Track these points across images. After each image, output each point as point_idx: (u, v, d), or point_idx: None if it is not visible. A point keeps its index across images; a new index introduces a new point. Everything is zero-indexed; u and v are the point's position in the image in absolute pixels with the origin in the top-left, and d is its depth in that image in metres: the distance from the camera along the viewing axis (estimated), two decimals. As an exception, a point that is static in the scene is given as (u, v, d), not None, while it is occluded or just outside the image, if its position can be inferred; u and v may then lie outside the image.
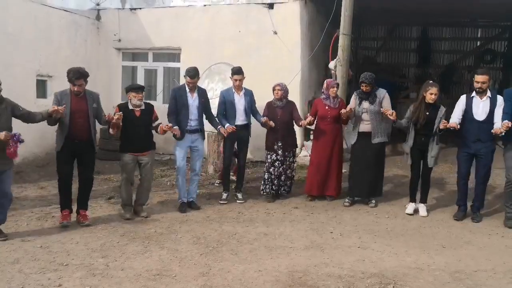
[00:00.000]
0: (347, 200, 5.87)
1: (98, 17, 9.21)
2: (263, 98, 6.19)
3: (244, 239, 4.66)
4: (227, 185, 6.07)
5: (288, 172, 6.02)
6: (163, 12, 8.95)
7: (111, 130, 5.08)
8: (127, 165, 5.22)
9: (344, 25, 7.77)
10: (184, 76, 5.67)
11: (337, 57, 7.96)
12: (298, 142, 7.10)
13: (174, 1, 8.90)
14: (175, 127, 5.42)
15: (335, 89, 5.90)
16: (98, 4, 9.15)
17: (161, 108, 7.04)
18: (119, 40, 9.11)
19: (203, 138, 5.80)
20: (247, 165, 7.04)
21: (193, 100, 5.61)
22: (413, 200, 5.61)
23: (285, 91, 5.98)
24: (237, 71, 5.89)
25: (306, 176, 6.19)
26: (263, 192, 6.04)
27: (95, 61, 8.99)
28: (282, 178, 5.98)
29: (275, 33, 8.26)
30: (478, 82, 5.07)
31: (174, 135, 5.50)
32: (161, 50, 9.09)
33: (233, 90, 5.92)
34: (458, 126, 5.10)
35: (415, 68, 13.66)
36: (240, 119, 5.89)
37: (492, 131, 4.96)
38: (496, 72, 12.62)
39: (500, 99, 5.07)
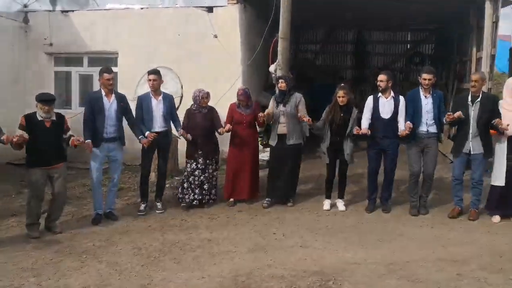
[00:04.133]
0: (265, 202, 5.93)
1: (26, 20, 8.71)
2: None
3: (187, 246, 4.61)
4: (146, 195, 5.80)
5: (211, 180, 5.92)
6: (98, 15, 8.64)
7: (13, 147, 4.62)
8: (36, 181, 4.79)
9: (283, 29, 7.93)
10: (100, 73, 5.29)
11: (277, 61, 8.12)
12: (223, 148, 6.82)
13: (110, 4, 8.64)
14: (87, 141, 5.06)
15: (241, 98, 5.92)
16: (25, 6, 8.65)
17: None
18: (50, 44, 8.68)
19: (122, 146, 5.49)
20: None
21: (110, 105, 5.29)
22: (328, 196, 5.86)
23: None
24: (152, 71, 5.65)
25: (224, 181, 6.10)
26: (182, 202, 5.86)
27: (23, 67, 8.51)
28: (205, 187, 5.86)
29: (215, 37, 8.25)
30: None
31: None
32: (97, 54, 8.76)
33: (151, 95, 5.65)
34: (369, 132, 5.42)
35: (352, 70, 14.20)
36: (158, 126, 5.60)
37: (399, 133, 5.38)
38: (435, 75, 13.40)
39: (402, 99, 5.52)
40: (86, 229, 5.13)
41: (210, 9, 8.27)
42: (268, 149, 6.47)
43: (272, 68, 8.28)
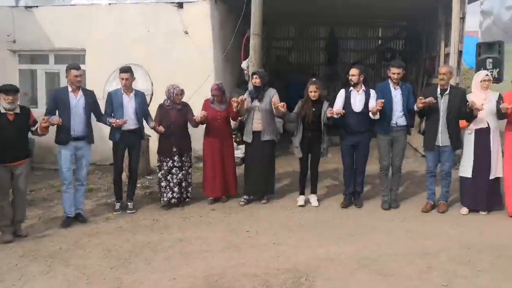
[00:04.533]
0: (242, 199, 5.88)
1: (-14, 16, 8.38)
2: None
3: (158, 247, 4.52)
4: (120, 194, 5.69)
5: (187, 177, 5.86)
6: (64, 11, 8.36)
7: None
8: (0, 179, 4.58)
9: (255, 25, 7.86)
10: (67, 70, 5.11)
11: (249, 57, 8.06)
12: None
13: (76, 0, 8.38)
14: (53, 117, 4.84)
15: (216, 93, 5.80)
16: (-13, 2, 8.33)
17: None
18: (14, 41, 8.35)
19: (91, 145, 5.34)
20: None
21: (76, 101, 5.12)
22: (302, 192, 5.87)
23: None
24: (124, 70, 5.51)
25: (203, 179, 6.02)
26: (163, 202, 5.75)
27: (-15, 64, 8.17)
28: (183, 184, 5.80)
29: (186, 33, 8.12)
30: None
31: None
32: (63, 51, 8.49)
33: (122, 91, 5.54)
34: (343, 111, 5.41)
35: (325, 66, 14.28)
36: (130, 123, 5.46)
37: (369, 109, 5.39)
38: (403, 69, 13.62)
39: (372, 92, 5.59)
40: (54, 232, 4.96)
41: (180, 5, 8.13)
42: (242, 146, 6.43)
43: (244, 64, 8.22)
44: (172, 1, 8.14)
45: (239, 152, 7.09)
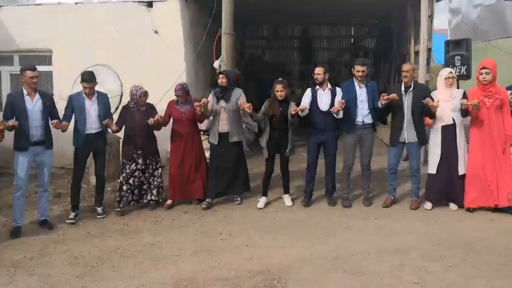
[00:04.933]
0: (205, 203, 5.71)
1: None
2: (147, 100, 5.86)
3: (128, 252, 4.39)
4: (77, 202, 5.42)
5: (151, 180, 5.68)
6: (29, 11, 8.10)
7: None
8: None
9: (226, 24, 7.78)
10: (22, 71, 4.91)
11: (221, 57, 7.97)
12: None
13: (41, -1, 8.14)
14: (10, 120, 4.67)
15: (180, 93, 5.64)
16: None
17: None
18: (-24, 42, 8.05)
19: (51, 149, 5.12)
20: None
21: (33, 105, 4.91)
22: (265, 193, 5.80)
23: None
24: (85, 78, 5.24)
25: (168, 181, 5.82)
26: (122, 205, 5.55)
27: None
28: (145, 187, 5.66)
29: (156, 32, 7.97)
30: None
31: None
32: (29, 52, 8.20)
33: (84, 95, 5.31)
34: (307, 108, 5.42)
35: (299, 65, 14.32)
36: (93, 127, 5.27)
37: (331, 110, 5.39)
38: (368, 67, 13.77)
39: (338, 90, 5.60)
40: (18, 240, 4.75)
41: (149, 4, 7.98)
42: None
43: (216, 64, 8.12)
44: (141, 0, 7.98)
45: None
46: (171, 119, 5.78)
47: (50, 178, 5.38)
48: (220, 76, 5.71)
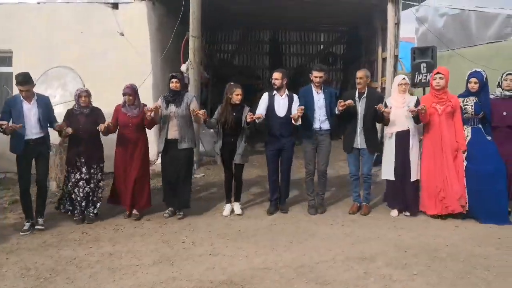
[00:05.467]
0: (167, 211, 5.50)
1: None
2: (112, 104, 5.61)
3: (84, 263, 4.17)
4: (30, 212, 5.08)
5: (96, 192, 5.39)
6: (-12, 10, 7.76)
7: None
8: None
9: (193, 27, 7.68)
10: None
11: (189, 60, 7.84)
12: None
13: (1, -2, 7.80)
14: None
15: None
16: None
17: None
18: None
19: None
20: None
21: None
22: (229, 201, 5.67)
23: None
24: (21, 81, 4.85)
25: (111, 191, 5.59)
26: (65, 212, 5.32)
27: None
28: (92, 199, 5.36)
29: (122, 34, 7.77)
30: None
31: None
32: (-12, 52, 7.87)
33: (22, 98, 4.98)
34: (263, 115, 5.34)
35: (269, 70, 14.28)
36: (33, 132, 4.95)
37: (291, 116, 5.33)
38: (338, 73, 13.95)
39: (295, 97, 5.55)
40: (-33, 251, 4.46)
41: (115, 6, 7.79)
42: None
43: (183, 67, 8.00)
44: (106, 2, 7.77)
45: None
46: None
47: None
48: (174, 80, 5.41)
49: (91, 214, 5.35)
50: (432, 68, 6.70)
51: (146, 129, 5.57)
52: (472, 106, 5.30)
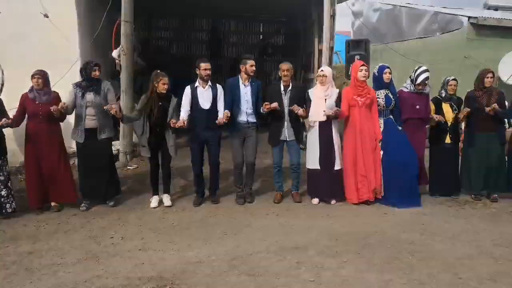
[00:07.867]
0: (83, 204, 5.28)
1: None
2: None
3: (-2, 264, 3.83)
4: None
5: (8, 187, 5.01)
6: None
7: None
8: None
9: (126, 12, 7.30)
10: None
11: (120, 46, 7.46)
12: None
13: None
14: None
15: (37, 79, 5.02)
16: None
17: None
18: None
19: None
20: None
21: None
22: (156, 193, 5.53)
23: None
24: None
25: (26, 187, 5.30)
26: None
27: None
28: (3, 193, 4.97)
29: (46, 16, 7.20)
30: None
31: None
32: None
33: None
34: (186, 122, 5.17)
35: (208, 59, 14.04)
36: None
37: (216, 122, 5.28)
38: (277, 64, 13.97)
39: (220, 88, 5.46)
40: None
41: (38, -17, 7.18)
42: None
43: (115, 53, 7.61)
44: (28, -20, 7.16)
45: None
46: (26, 115, 5.07)
47: None
48: (96, 68, 5.16)
49: (9, 210, 4.97)
50: (365, 60, 6.87)
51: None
52: (383, 99, 5.55)
